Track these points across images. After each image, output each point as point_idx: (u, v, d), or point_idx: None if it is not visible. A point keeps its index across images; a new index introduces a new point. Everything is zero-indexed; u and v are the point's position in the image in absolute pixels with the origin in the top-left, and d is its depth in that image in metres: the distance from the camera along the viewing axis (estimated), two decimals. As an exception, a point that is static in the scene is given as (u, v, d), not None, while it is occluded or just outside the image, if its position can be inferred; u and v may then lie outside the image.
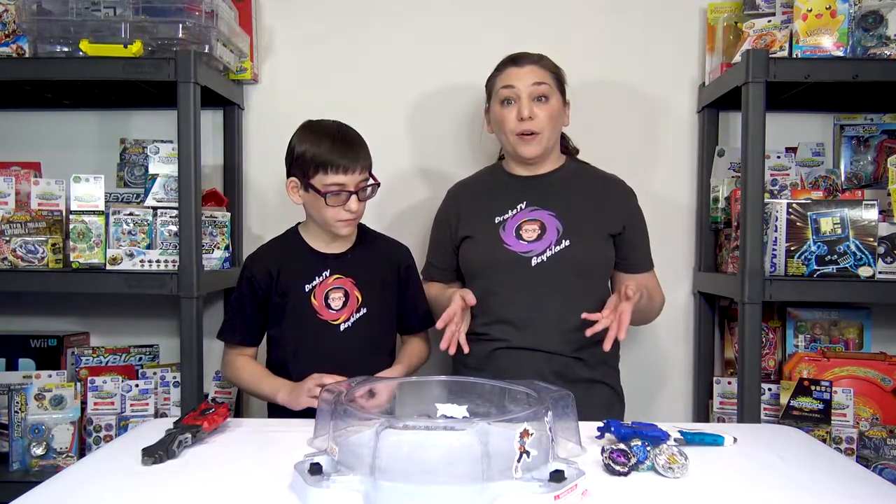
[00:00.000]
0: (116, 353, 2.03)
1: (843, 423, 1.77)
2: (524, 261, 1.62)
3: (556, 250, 1.62)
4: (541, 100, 1.64)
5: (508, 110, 1.65)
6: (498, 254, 1.64)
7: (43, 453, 1.80)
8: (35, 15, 1.73)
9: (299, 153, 1.54)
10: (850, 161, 2.07)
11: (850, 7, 1.70)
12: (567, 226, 1.64)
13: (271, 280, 1.60)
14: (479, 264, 1.68)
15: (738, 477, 1.05)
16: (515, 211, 1.68)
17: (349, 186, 1.52)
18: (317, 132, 1.56)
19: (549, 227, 1.64)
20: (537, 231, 1.64)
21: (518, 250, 1.63)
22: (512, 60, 1.68)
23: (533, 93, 1.63)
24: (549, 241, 1.62)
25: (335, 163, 1.51)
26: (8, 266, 1.77)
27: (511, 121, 1.64)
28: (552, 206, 1.66)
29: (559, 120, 1.69)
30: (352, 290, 1.60)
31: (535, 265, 1.62)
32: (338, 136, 1.55)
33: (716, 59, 1.99)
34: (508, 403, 1.10)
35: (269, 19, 2.13)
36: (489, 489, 0.86)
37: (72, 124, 2.15)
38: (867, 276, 1.69)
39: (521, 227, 1.66)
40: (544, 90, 1.64)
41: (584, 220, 1.65)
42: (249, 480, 1.01)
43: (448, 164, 2.13)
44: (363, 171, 1.55)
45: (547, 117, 1.63)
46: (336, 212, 1.54)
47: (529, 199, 1.68)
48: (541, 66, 1.66)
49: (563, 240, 1.62)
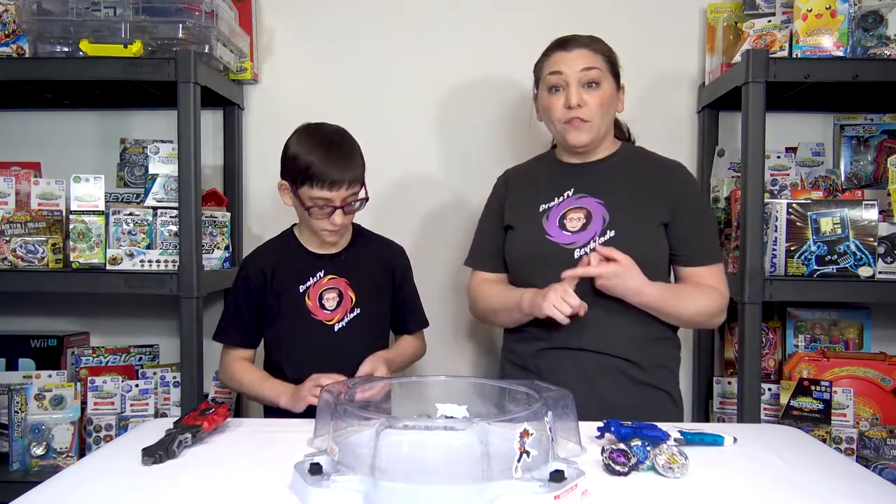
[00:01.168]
0: (116, 353, 2.04)
1: (843, 423, 1.77)
2: (566, 253, 1.51)
3: (600, 242, 1.49)
4: (591, 86, 1.53)
5: (556, 97, 1.54)
6: (540, 245, 1.54)
7: (43, 453, 1.80)
8: (35, 15, 1.73)
9: (291, 158, 1.53)
10: (850, 161, 2.07)
11: (850, 7, 1.70)
12: (614, 215, 1.51)
13: (265, 280, 1.60)
14: (521, 256, 1.59)
15: (738, 477, 1.05)
16: (562, 199, 1.57)
17: (335, 202, 1.50)
18: (311, 140, 1.53)
19: (594, 216, 1.52)
20: (582, 220, 1.52)
21: (561, 242, 1.52)
22: (560, 44, 1.57)
23: (582, 79, 1.52)
24: (594, 231, 1.51)
25: (322, 177, 1.48)
26: (8, 266, 1.77)
27: (559, 108, 1.54)
28: (600, 194, 1.54)
29: (611, 106, 1.57)
30: (346, 290, 1.60)
31: (577, 258, 1.49)
32: (330, 147, 1.51)
33: (716, 59, 1.99)
34: (508, 403, 1.10)
35: (269, 19, 2.13)
36: (489, 489, 0.85)
37: (72, 124, 2.15)
38: (867, 276, 1.69)
39: (565, 216, 1.55)
40: (594, 75, 1.52)
41: (632, 208, 1.52)
42: (249, 480, 1.01)
43: (452, 164, 2.13)
44: (351, 186, 1.51)
45: (598, 104, 1.52)
46: (320, 223, 1.53)
47: (577, 186, 1.57)
48: (591, 49, 1.54)
49: (608, 230, 1.50)
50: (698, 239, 1.55)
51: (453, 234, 2.12)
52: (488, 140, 2.12)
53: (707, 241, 1.56)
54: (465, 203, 2.11)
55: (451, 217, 2.13)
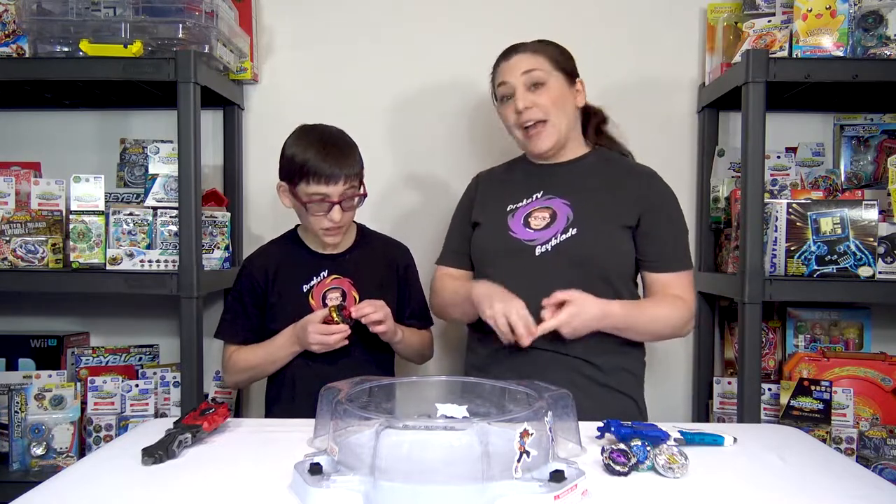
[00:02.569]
0: (116, 353, 2.03)
1: (843, 423, 1.77)
2: (527, 249, 1.52)
3: (561, 239, 1.50)
4: (536, 87, 1.54)
5: (507, 106, 1.58)
6: (502, 241, 1.55)
7: (43, 453, 1.80)
8: (35, 15, 1.73)
9: (287, 158, 1.54)
10: (850, 161, 2.07)
11: (850, 7, 1.70)
12: (577, 214, 1.52)
13: (268, 280, 1.60)
14: (484, 251, 1.60)
15: (738, 477, 1.05)
16: (530, 200, 1.59)
17: (332, 197, 1.51)
18: (306, 138, 1.54)
19: (559, 216, 1.53)
20: (547, 219, 1.53)
21: (523, 238, 1.53)
22: (503, 55, 1.61)
23: (526, 82, 1.54)
24: (556, 230, 1.51)
25: (318, 172, 1.49)
26: (8, 266, 1.77)
27: (512, 116, 1.57)
28: (567, 195, 1.56)
29: (565, 102, 1.57)
30: (349, 290, 1.60)
31: (538, 254, 1.51)
32: (326, 144, 1.52)
33: (716, 59, 1.99)
34: (508, 403, 1.10)
35: (269, 19, 2.13)
36: (489, 489, 0.85)
37: (72, 124, 2.15)
38: (867, 276, 1.69)
39: (531, 215, 1.56)
40: (538, 76, 1.54)
41: (596, 207, 1.53)
42: (249, 480, 1.01)
43: (451, 163, 2.13)
44: (348, 182, 1.52)
45: (549, 102, 1.54)
46: (318, 220, 1.54)
47: (546, 187, 1.58)
48: (531, 52, 1.56)
49: (570, 228, 1.51)
50: (666, 244, 1.55)
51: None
52: (490, 141, 2.12)
53: (676, 248, 1.57)
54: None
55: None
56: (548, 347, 1.47)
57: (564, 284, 1.45)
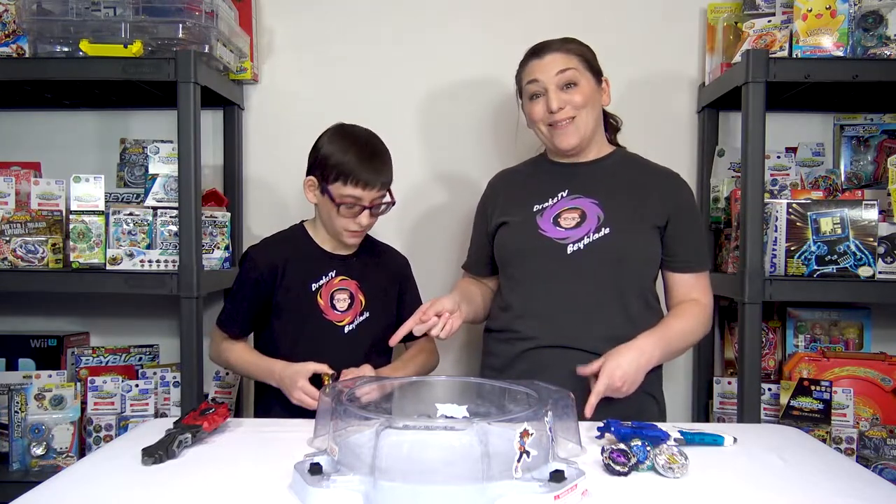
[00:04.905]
0: (116, 353, 2.03)
1: (843, 423, 1.77)
2: (559, 248, 1.51)
3: (594, 238, 1.50)
4: (569, 87, 1.54)
5: (537, 104, 1.57)
6: (532, 239, 1.54)
7: (43, 453, 1.80)
8: (35, 15, 1.73)
9: (324, 155, 1.54)
10: (850, 161, 2.07)
11: (850, 7, 1.70)
12: (608, 214, 1.52)
13: (275, 275, 1.59)
14: (513, 250, 1.58)
15: (738, 477, 1.05)
16: (556, 199, 1.57)
17: (364, 201, 1.53)
18: (347, 139, 1.55)
19: (589, 215, 1.53)
20: (577, 219, 1.53)
21: (554, 236, 1.52)
22: (533, 52, 1.59)
23: (559, 82, 1.54)
24: (589, 228, 1.51)
25: (356, 176, 1.51)
26: (8, 266, 1.77)
27: (541, 113, 1.56)
28: (595, 194, 1.55)
29: (595, 102, 1.57)
30: (356, 292, 1.61)
31: (570, 253, 1.50)
32: (366, 148, 1.54)
33: (716, 59, 1.99)
34: (508, 403, 1.10)
35: (269, 19, 2.13)
36: (489, 489, 0.86)
37: (72, 124, 2.15)
38: (867, 276, 1.69)
39: (560, 216, 1.55)
40: (571, 76, 1.54)
41: (627, 208, 1.53)
42: (249, 480, 1.01)
43: (456, 164, 2.13)
44: (381, 188, 1.55)
45: (580, 102, 1.54)
46: (346, 222, 1.55)
47: (572, 187, 1.58)
48: (564, 51, 1.56)
49: (603, 227, 1.50)
50: (691, 246, 1.57)
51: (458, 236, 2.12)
52: (492, 141, 2.12)
53: (700, 249, 1.60)
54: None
55: (457, 218, 2.12)
56: (569, 345, 1.48)
57: (596, 283, 1.49)
